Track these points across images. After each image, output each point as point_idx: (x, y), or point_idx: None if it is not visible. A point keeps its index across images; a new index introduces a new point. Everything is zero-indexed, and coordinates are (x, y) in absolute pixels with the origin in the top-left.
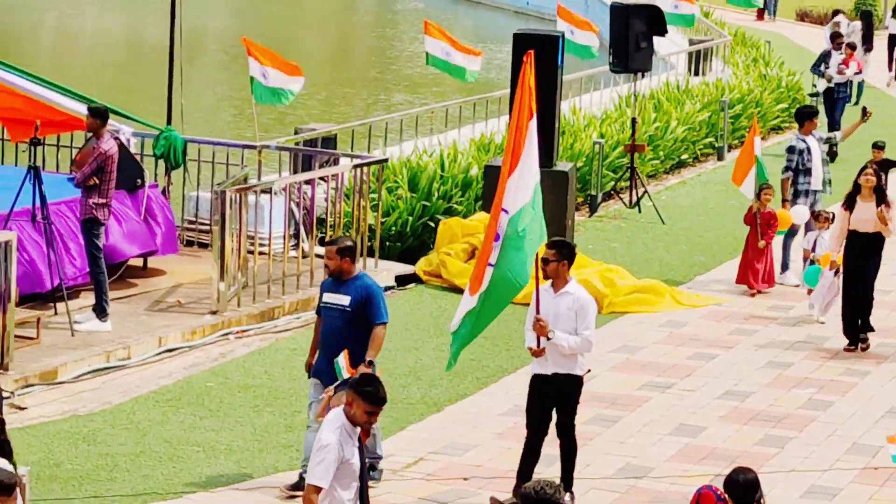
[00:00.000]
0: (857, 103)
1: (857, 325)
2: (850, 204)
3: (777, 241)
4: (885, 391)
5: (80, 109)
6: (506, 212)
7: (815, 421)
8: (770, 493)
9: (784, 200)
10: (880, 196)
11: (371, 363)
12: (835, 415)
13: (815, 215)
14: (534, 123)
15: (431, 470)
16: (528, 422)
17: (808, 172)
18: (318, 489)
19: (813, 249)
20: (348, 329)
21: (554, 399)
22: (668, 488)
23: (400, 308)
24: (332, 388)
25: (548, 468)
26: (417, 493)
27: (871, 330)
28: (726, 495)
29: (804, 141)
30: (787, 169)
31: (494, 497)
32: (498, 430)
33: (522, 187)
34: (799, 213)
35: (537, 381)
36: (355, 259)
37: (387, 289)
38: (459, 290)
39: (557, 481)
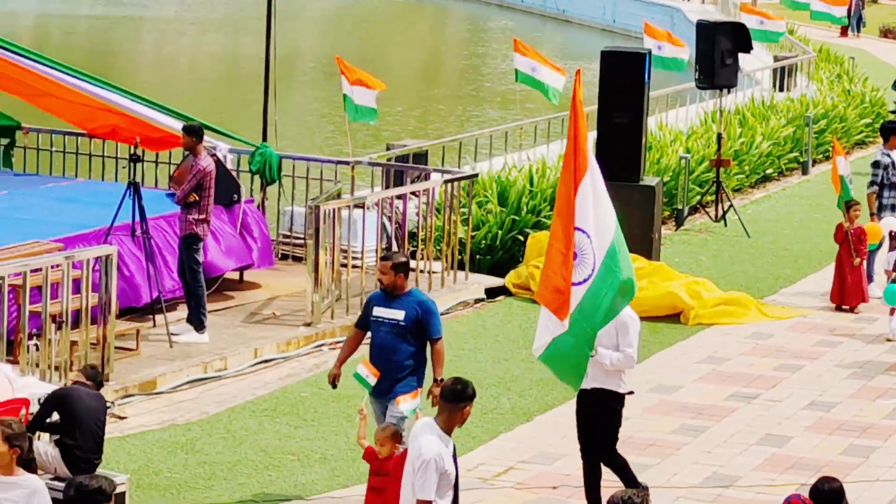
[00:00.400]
0: None
1: None
2: None
3: None
4: None
5: (178, 127)
6: (583, 231)
7: None
8: (855, 502)
9: (871, 214)
10: None
11: (441, 380)
12: None
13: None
14: (590, 142)
15: (521, 479)
16: (581, 447)
17: (893, 187)
18: (428, 503)
19: (894, 269)
20: (400, 342)
21: (597, 416)
22: (755, 497)
23: (490, 320)
24: (363, 405)
25: (639, 474)
26: (507, 501)
27: None
28: None
29: (889, 156)
30: (871, 184)
31: None
32: None
33: (600, 212)
34: (889, 224)
35: (581, 398)
36: (408, 275)
37: (476, 301)
38: None
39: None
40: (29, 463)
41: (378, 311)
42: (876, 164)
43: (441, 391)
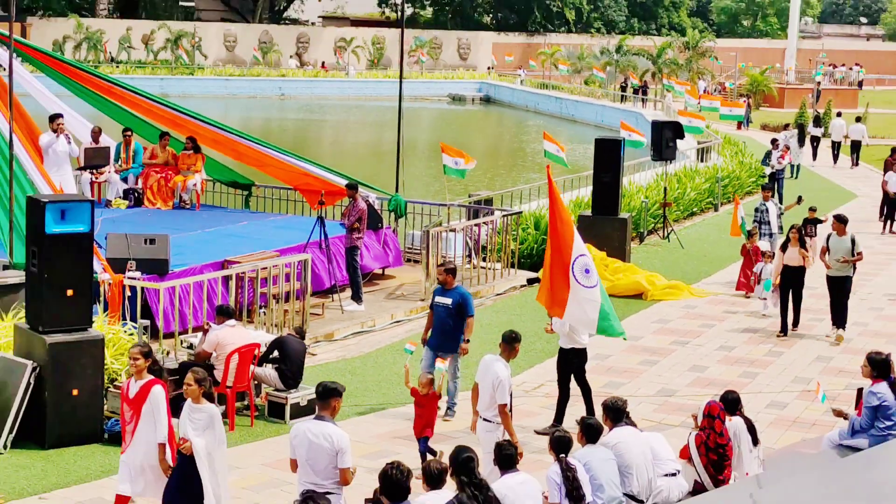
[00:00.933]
0: (796, 177)
1: (786, 320)
2: (784, 247)
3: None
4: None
5: (344, 183)
6: (586, 255)
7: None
8: (747, 405)
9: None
10: (802, 244)
11: (468, 341)
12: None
13: (762, 254)
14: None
15: (548, 391)
16: (559, 381)
17: (766, 223)
18: (505, 405)
19: (759, 273)
20: (449, 318)
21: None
22: (687, 402)
23: (529, 297)
24: (406, 364)
25: (616, 389)
26: (539, 405)
27: (797, 324)
28: (721, 409)
29: (764, 204)
30: (755, 221)
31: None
32: None
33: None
34: (762, 246)
35: (562, 354)
36: (455, 276)
37: (521, 286)
38: None
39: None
40: (210, 395)
41: (437, 299)
42: (756, 209)
43: (502, 337)
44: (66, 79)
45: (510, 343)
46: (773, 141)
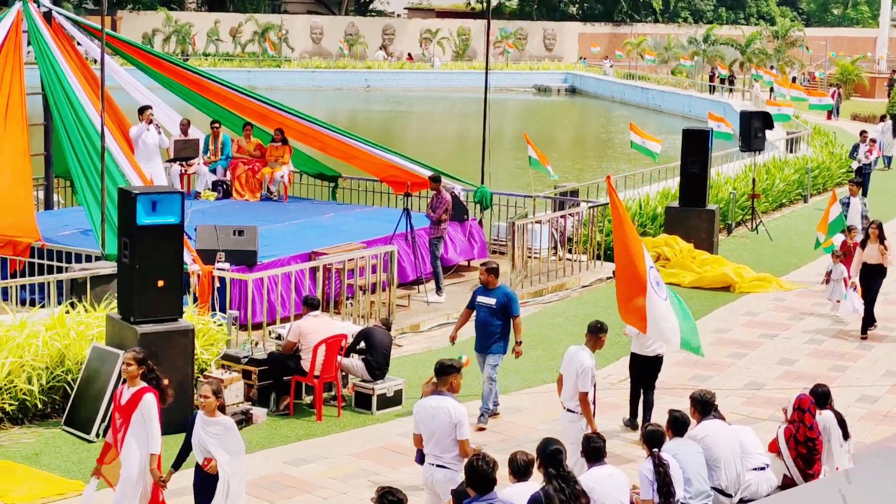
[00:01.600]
0: (889, 167)
1: (867, 320)
2: (863, 244)
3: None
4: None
5: (428, 174)
6: (654, 268)
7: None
8: (837, 398)
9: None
10: (882, 240)
11: (520, 343)
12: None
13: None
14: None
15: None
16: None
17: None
18: (586, 394)
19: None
20: (493, 318)
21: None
22: (775, 395)
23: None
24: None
25: (703, 382)
26: (617, 392)
27: (873, 322)
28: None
29: (849, 199)
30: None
31: None
32: None
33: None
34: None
35: (638, 359)
36: (497, 276)
37: (607, 278)
38: None
39: None
40: (223, 408)
41: (480, 299)
42: (841, 204)
43: (588, 327)
44: (155, 72)
45: (595, 333)
46: (862, 133)
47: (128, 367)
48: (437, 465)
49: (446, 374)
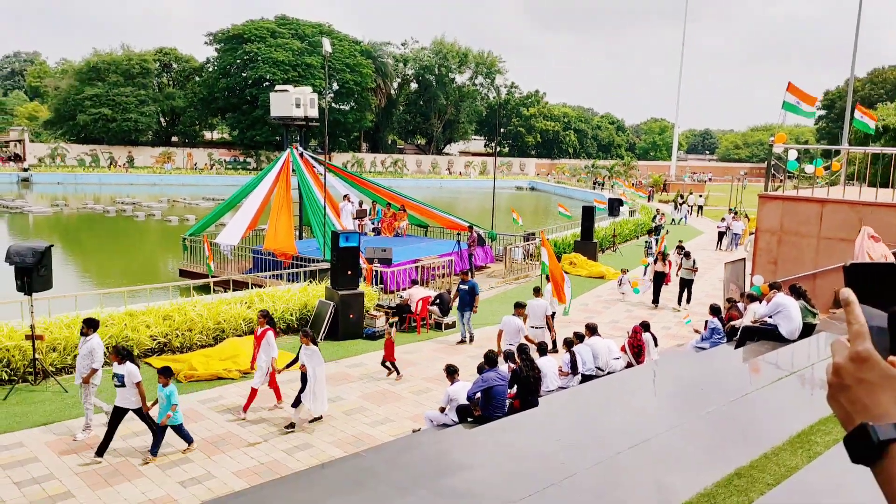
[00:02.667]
0: (680, 224)
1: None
2: (656, 261)
3: None
4: None
5: (466, 224)
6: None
7: None
8: None
9: None
10: (664, 257)
11: (476, 306)
12: None
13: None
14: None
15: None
16: None
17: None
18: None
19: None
20: (467, 295)
21: None
22: (623, 325)
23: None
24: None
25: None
26: None
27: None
28: (640, 329)
29: (650, 240)
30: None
31: None
32: None
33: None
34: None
35: None
36: (469, 275)
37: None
38: None
39: None
40: (315, 340)
41: (461, 286)
42: (647, 243)
43: (515, 305)
44: (348, 180)
45: (519, 307)
46: (658, 210)
47: (260, 319)
48: (509, 343)
49: (520, 307)
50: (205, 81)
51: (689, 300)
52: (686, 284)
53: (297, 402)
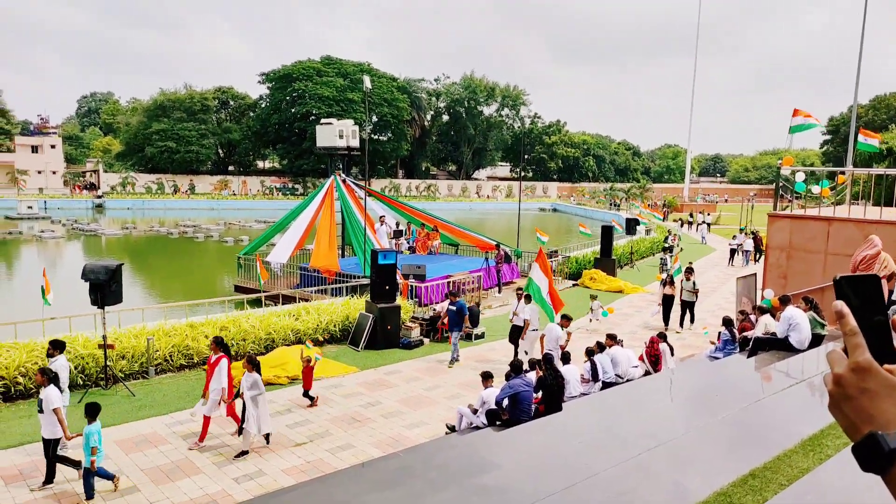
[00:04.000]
0: (703, 242)
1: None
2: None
3: None
4: None
5: (494, 243)
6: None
7: None
8: None
9: None
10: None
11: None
12: None
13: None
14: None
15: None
16: None
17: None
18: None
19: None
20: (456, 316)
21: None
22: (643, 336)
23: (569, 292)
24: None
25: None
26: None
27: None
28: (657, 339)
29: (665, 257)
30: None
31: None
32: None
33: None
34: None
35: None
36: (457, 294)
37: (568, 287)
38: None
39: None
40: (257, 366)
41: (448, 306)
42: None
43: (561, 316)
44: (385, 203)
45: (565, 319)
46: (670, 231)
47: (212, 346)
48: (550, 350)
49: (566, 318)
50: (258, 116)
51: (692, 321)
52: (687, 306)
53: (241, 431)
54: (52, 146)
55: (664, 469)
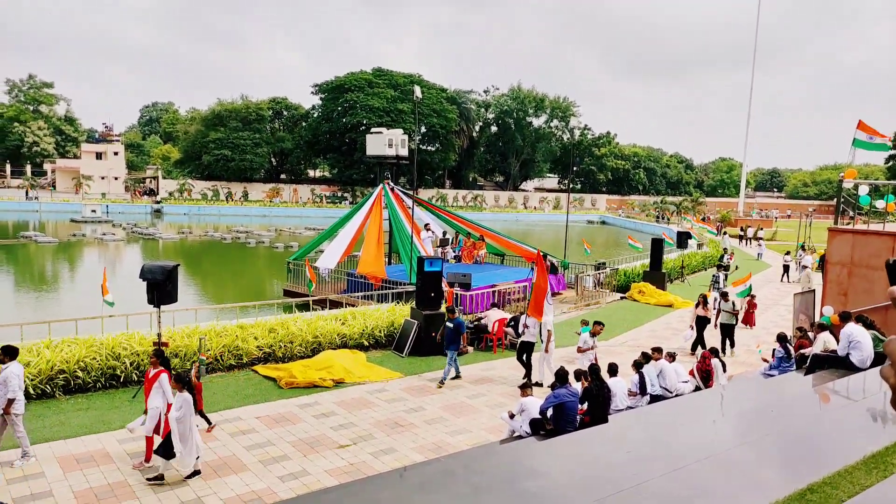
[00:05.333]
0: (758, 259)
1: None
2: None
3: None
4: None
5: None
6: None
7: None
8: None
9: None
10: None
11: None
12: None
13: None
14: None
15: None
16: None
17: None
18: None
19: None
20: (452, 333)
21: None
22: (689, 352)
23: (619, 306)
24: None
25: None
26: None
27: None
28: (709, 355)
29: (716, 275)
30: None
31: None
32: None
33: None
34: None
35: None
36: (453, 312)
37: (616, 300)
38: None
39: None
40: (188, 386)
41: (447, 324)
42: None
43: (594, 322)
44: (432, 210)
45: (598, 323)
46: (725, 249)
47: (152, 359)
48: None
49: (600, 325)
50: (310, 126)
51: (732, 345)
52: (727, 330)
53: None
54: (115, 153)
55: (717, 481)
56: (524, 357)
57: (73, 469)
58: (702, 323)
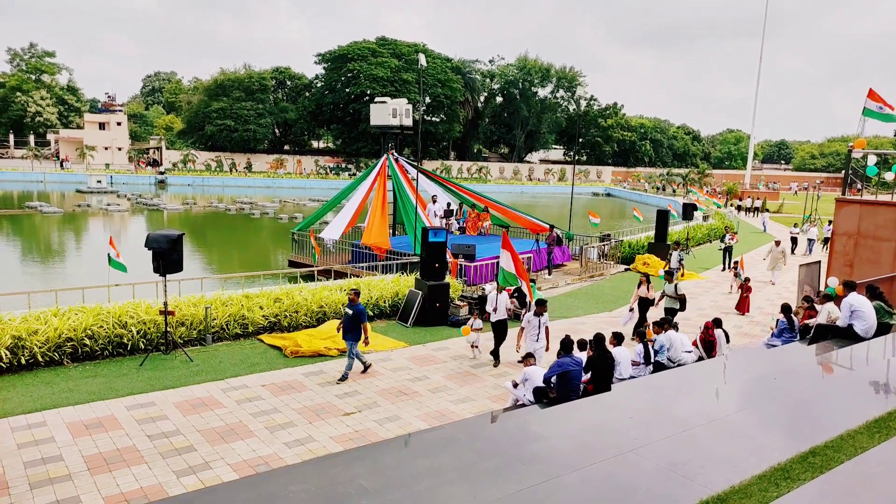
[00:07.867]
0: (764, 231)
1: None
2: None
3: None
4: None
5: (546, 225)
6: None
7: None
8: None
9: None
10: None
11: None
12: None
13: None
14: None
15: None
16: None
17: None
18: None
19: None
20: (350, 323)
21: None
22: (694, 320)
23: (616, 278)
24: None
25: None
26: None
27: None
28: (712, 325)
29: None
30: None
31: None
32: None
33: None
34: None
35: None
36: (359, 296)
37: (621, 272)
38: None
39: None
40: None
41: (346, 310)
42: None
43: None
44: (437, 181)
45: (540, 305)
46: (727, 228)
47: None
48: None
49: (542, 304)
50: (313, 96)
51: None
52: (669, 315)
53: None
54: (119, 123)
55: (719, 444)
56: (500, 335)
57: (83, 434)
58: (644, 304)
